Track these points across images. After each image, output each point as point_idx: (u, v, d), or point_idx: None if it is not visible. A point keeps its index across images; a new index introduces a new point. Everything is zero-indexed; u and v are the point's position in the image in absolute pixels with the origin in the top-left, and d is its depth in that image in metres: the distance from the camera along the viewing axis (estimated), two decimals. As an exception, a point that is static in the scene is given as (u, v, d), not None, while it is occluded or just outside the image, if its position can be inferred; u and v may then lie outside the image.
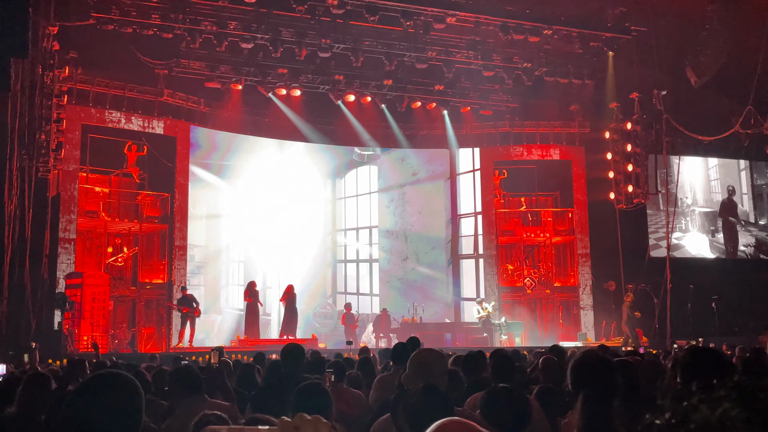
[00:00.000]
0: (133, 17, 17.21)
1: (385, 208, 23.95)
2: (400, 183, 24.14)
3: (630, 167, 21.71)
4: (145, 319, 19.41)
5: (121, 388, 2.12)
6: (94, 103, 18.78)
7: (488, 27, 19.11)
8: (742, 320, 21.76)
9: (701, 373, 2.74)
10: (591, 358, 2.94)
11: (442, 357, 3.27)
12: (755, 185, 25.20)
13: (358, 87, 21.10)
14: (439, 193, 24.01)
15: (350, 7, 17.55)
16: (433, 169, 24.09)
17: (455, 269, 23.62)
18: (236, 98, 20.94)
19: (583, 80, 21.34)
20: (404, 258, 23.63)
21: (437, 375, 3.14)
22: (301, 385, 3.48)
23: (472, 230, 23.64)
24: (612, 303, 21.53)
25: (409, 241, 23.72)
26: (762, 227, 25.21)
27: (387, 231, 23.79)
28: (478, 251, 23.21)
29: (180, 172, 20.10)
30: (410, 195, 24.03)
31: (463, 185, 23.95)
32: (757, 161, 25.04)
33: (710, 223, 24.65)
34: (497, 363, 4.80)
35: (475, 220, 23.66)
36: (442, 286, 23.43)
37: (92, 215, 18.66)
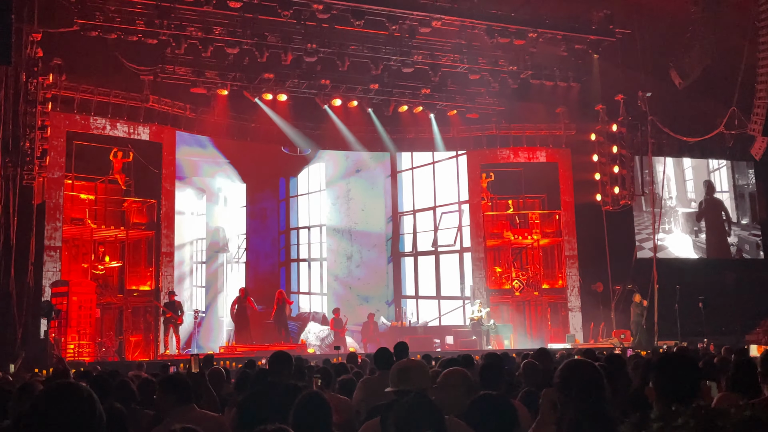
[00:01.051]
0: (118, 23, 17.12)
1: (331, 206, 23.80)
2: (344, 180, 23.98)
3: (616, 169, 21.83)
4: (133, 327, 19.28)
5: (74, 399, 2.10)
6: (79, 110, 18.67)
7: (473, 30, 19.15)
8: (729, 320, 21.89)
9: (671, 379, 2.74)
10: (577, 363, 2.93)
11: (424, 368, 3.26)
12: (737, 185, 25.43)
13: (345, 91, 21.08)
14: (380, 191, 23.99)
15: (336, 11, 17.54)
16: (375, 167, 24.02)
17: (396, 267, 23.64)
18: (222, 104, 20.86)
19: (569, 83, 21.42)
20: (349, 256, 23.55)
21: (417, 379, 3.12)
22: (300, 396, 3.45)
23: (419, 227, 23.77)
24: (600, 304, 21.62)
25: (353, 239, 23.64)
26: (744, 227, 25.42)
27: (333, 229, 23.62)
28: (416, 248, 23.31)
29: (166, 179, 20.02)
30: (354, 193, 23.97)
31: (406, 183, 24.16)
32: (741, 161, 25.22)
33: (693, 223, 24.84)
34: (484, 367, 4.79)
35: (414, 217, 23.77)
36: (383, 284, 23.41)
37: (78, 223, 18.53)
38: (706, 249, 24.68)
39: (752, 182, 25.51)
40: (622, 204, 21.93)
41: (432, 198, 24.13)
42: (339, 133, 22.52)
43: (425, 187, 24.24)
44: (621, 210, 22.16)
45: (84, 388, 2.17)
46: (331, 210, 23.74)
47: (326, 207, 23.77)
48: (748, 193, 25.48)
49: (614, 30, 19.88)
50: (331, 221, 23.65)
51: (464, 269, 23.19)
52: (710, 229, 24.84)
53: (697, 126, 22.41)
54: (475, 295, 22.25)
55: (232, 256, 22.28)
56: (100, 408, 2.15)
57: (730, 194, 25.29)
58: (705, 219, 24.81)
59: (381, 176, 24.12)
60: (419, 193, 24.21)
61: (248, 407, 4.51)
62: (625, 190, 21.66)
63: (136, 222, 19.56)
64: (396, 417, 2.45)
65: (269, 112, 21.32)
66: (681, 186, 24.71)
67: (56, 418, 2.07)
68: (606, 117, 22.27)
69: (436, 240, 23.75)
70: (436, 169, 24.23)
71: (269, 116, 21.39)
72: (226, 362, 14.12)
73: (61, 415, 2.07)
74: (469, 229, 23.19)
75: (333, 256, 23.54)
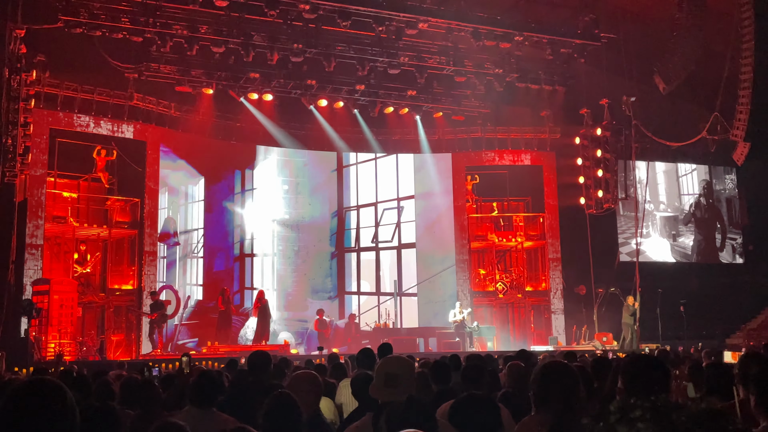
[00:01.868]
0: (102, 20, 16.99)
1: (282, 200, 23.71)
2: (292, 175, 23.92)
3: (600, 172, 21.97)
4: (115, 326, 19.16)
5: (46, 395, 2.10)
6: (62, 107, 18.54)
7: (460, 33, 19.20)
8: (711, 324, 22.08)
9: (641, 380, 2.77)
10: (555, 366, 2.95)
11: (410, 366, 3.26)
12: (714, 190, 25.78)
13: (331, 92, 21.06)
14: (329, 185, 24.03)
15: (322, 12, 17.51)
16: (321, 161, 24.05)
17: (340, 262, 23.67)
18: (207, 103, 20.79)
19: (554, 86, 21.52)
20: (296, 250, 23.51)
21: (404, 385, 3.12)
22: (271, 396, 3.45)
23: (369, 222, 23.91)
24: (583, 307, 21.74)
25: (301, 233, 23.59)
26: (735, 233, 25.74)
27: (283, 222, 23.54)
28: (359, 244, 23.43)
29: (150, 177, 19.92)
30: (302, 187, 23.94)
31: (353, 177, 24.26)
32: (725, 166, 25.47)
33: (671, 227, 25.12)
34: (467, 369, 4.80)
35: (357, 213, 23.90)
36: (328, 279, 23.42)
37: (60, 221, 18.39)
38: (693, 253, 24.97)
39: (728, 187, 25.89)
40: (606, 207, 22.10)
41: (374, 194, 24.18)
42: (324, 133, 22.51)
43: (368, 183, 24.34)
44: (604, 213, 22.32)
45: (56, 382, 2.17)
46: (281, 204, 23.60)
47: (277, 201, 23.64)
48: (725, 198, 25.88)
49: (599, 35, 20.00)
50: (280, 215, 23.52)
51: (402, 266, 23.23)
52: (705, 232, 25.18)
53: (681, 131, 22.62)
54: (459, 297, 22.30)
55: (190, 250, 22.03)
56: (73, 403, 2.14)
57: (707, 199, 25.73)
58: (700, 223, 25.11)
59: (327, 171, 24.04)
60: (363, 188, 24.26)
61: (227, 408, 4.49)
62: (608, 194, 21.82)
63: (119, 220, 19.45)
64: (388, 418, 2.45)
65: (255, 112, 21.27)
66: (654, 190, 24.99)
67: (28, 413, 2.06)
68: (590, 121, 22.42)
69: (377, 236, 23.83)
70: (378, 165, 24.29)
71: (255, 116, 21.34)
72: (209, 362, 14.07)
73: (32, 409, 2.06)
74: (454, 231, 23.25)
75: (282, 251, 23.40)
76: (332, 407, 6.00)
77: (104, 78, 18.87)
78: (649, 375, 2.85)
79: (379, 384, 3.09)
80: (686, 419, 0.72)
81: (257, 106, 21.15)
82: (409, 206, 23.94)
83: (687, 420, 0.72)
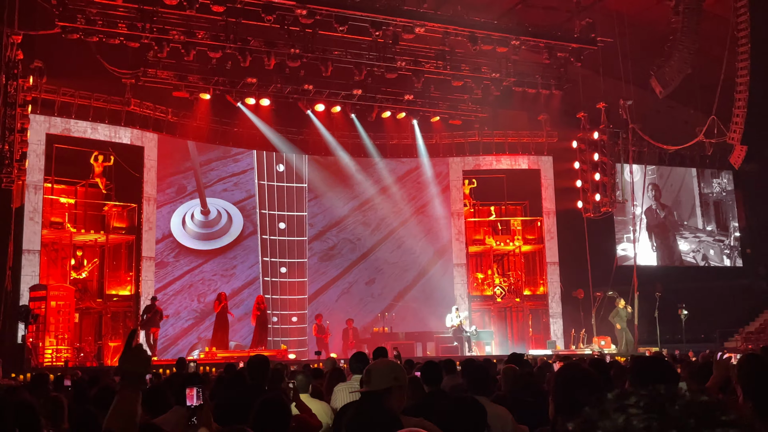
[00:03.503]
0: (99, 26, 16.98)
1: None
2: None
3: (597, 176, 21.99)
4: (112, 332, 19.12)
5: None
6: (60, 113, 18.53)
7: (457, 37, 19.23)
8: (708, 327, 22.09)
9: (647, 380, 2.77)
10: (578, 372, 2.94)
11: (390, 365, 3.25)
12: (702, 193, 25.94)
13: (328, 97, 21.09)
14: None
15: (319, 17, 17.54)
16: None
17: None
18: (204, 108, 20.79)
19: (551, 90, 21.55)
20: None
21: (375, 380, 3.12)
22: (261, 399, 3.45)
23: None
24: (581, 311, 21.73)
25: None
26: (709, 233, 25.86)
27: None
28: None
29: (147, 183, 19.91)
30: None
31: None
32: (721, 170, 25.54)
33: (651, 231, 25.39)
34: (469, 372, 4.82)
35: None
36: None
37: (57, 226, 18.37)
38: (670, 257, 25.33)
39: (715, 191, 26.08)
40: (603, 211, 22.11)
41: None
42: (322, 138, 22.53)
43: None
44: (602, 217, 22.33)
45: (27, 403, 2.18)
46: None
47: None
48: (713, 201, 26.09)
49: (596, 38, 20.04)
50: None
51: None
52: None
53: (677, 134, 22.66)
54: (457, 301, 22.29)
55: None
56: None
57: (696, 202, 25.85)
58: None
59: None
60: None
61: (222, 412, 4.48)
62: (606, 198, 21.83)
63: (116, 226, 19.43)
64: (347, 420, 2.45)
65: (252, 117, 21.27)
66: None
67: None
68: (587, 125, 22.45)
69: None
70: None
71: (252, 121, 21.35)
72: (206, 367, 14.05)
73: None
74: (452, 235, 23.25)
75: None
76: (329, 411, 5.99)
77: (101, 84, 18.87)
78: (658, 373, 2.85)
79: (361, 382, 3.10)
80: (679, 409, 0.72)
81: (254, 111, 21.16)
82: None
83: (680, 409, 0.72)
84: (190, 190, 21.28)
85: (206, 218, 21.46)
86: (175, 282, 20.43)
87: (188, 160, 21.18)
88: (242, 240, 21.74)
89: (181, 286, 20.43)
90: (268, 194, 22.49)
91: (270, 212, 22.41)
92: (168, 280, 20.20)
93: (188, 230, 21.06)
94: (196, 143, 21.32)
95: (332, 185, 23.28)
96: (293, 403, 5.11)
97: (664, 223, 25.45)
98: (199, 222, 21.32)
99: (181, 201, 21.01)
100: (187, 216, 21.12)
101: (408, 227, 23.65)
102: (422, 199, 23.87)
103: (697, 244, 25.72)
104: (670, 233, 25.52)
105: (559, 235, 22.95)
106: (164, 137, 20.56)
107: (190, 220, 21.17)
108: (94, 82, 18.76)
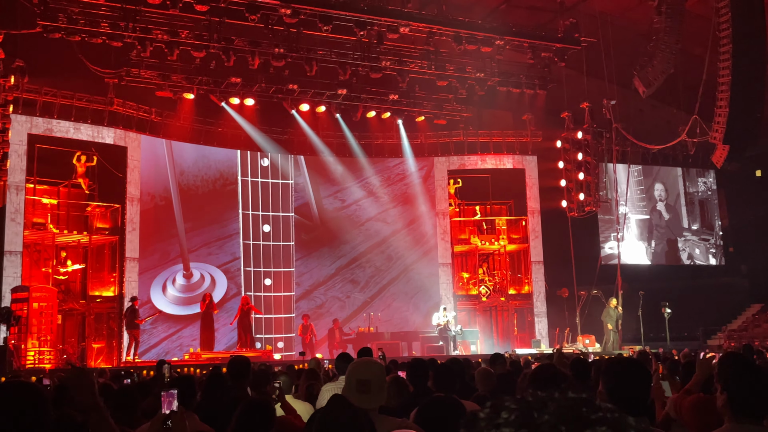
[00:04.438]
0: (81, 25, 16.85)
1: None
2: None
3: (581, 175, 22.09)
4: (96, 333, 18.98)
5: (23, 397, 2.18)
6: (41, 113, 18.37)
7: (441, 37, 19.26)
8: (692, 326, 22.26)
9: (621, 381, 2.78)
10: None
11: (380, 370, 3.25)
12: (688, 192, 26.16)
13: (312, 96, 21.05)
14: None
15: (303, 16, 17.50)
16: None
17: None
18: (188, 108, 20.69)
19: (535, 90, 21.63)
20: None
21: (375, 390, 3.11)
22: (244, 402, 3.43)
23: None
24: (565, 310, 21.83)
25: None
26: (694, 232, 26.10)
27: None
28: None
29: (131, 183, 19.78)
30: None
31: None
32: (703, 169, 25.74)
33: (646, 230, 25.48)
34: (437, 373, 4.83)
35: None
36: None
37: (40, 227, 18.21)
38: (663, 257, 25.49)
39: (701, 190, 26.31)
40: (587, 210, 22.21)
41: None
42: (307, 138, 22.49)
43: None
44: (586, 216, 22.44)
45: (32, 385, 2.20)
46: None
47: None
48: (698, 200, 26.31)
49: (580, 38, 20.13)
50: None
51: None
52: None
53: (661, 134, 22.80)
54: (443, 300, 22.32)
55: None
56: (45, 405, 2.18)
57: (681, 201, 26.07)
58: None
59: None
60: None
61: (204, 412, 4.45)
62: (590, 197, 21.94)
63: (99, 227, 19.29)
64: (317, 421, 2.43)
65: (236, 117, 21.20)
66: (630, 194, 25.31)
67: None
68: (571, 124, 22.56)
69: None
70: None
71: (236, 121, 21.27)
72: (191, 369, 13.98)
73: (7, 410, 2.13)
74: (437, 235, 23.28)
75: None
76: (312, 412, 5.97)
77: (84, 83, 18.72)
78: (630, 376, 2.87)
79: (351, 389, 3.08)
80: (548, 417, 0.70)
81: (239, 111, 21.08)
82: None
83: (549, 418, 0.70)
84: (173, 256, 20.89)
85: (188, 282, 21.00)
86: (152, 350, 19.62)
87: (174, 227, 20.89)
88: (225, 302, 20.95)
89: (156, 355, 19.03)
90: (251, 191, 22.40)
91: (254, 212, 22.31)
92: (143, 348, 19.10)
93: (168, 295, 20.54)
94: (182, 212, 20.92)
95: (315, 186, 23.24)
96: (278, 404, 5.09)
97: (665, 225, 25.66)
98: (181, 286, 20.82)
99: (163, 267, 20.59)
100: (169, 281, 20.66)
101: (393, 227, 23.65)
102: (407, 198, 23.88)
103: (683, 243, 25.91)
104: (671, 234, 25.75)
105: (544, 234, 23.03)
106: (149, 214, 20.28)
107: (171, 285, 20.67)
108: (76, 81, 18.61)
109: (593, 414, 0.78)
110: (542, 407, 0.79)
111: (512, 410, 0.80)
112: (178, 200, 21.06)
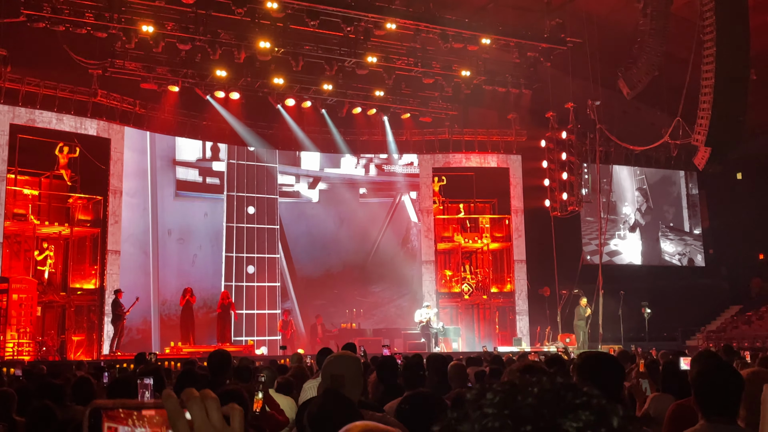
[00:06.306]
0: (66, 15, 16.71)
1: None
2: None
3: (565, 175, 22.21)
4: (76, 326, 18.84)
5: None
6: (24, 103, 18.18)
7: (428, 35, 19.27)
8: (671, 326, 22.45)
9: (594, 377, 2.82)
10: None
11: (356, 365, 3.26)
12: (669, 194, 26.38)
13: (298, 91, 21.00)
14: None
15: (290, 11, 17.46)
16: None
17: None
18: (173, 100, 20.57)
19: (521, 89, 21.71)
20: None
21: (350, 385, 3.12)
22: (220, 391, 3.42)
23: None
24: (547, 308, 21.95)
25: None
26: (676, 233, 26.34)
27: None
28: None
29: (114, 175, 19.63)
30: None
31: None
32: (685, 171, 25.96)
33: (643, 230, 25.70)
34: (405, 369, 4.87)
35: None
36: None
37: (20, 218, 18.04)
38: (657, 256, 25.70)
39: (682, 192, 26.61)
40: (570, 210, 22.33)
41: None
42: (292, 133, 22.43)
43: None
44: (569, 216, 22.56)
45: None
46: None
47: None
48: (679, 202, 26.64)
49: (565, 39, 20.22)
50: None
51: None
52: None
53: (644, 135, 22.95)
54: (426, 298, 22.36)
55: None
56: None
57: (662, 202, 26.36)
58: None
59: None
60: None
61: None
62: (573, 197, 22.06)
63: (81, 218, 19.14)
64: (309, 416, 2.44)
65: (221, 110, 21.10)
66: (622, 193, 25.50)
67: None
68: (556, 124, 22.66)
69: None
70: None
71: (221, 114, 21.17)
72: (171, 363, 13.92)
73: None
74: (421, 232, 23.32)
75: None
76: (295, 407, 5.97)
77: (67, 74, 18.55)
78: (603, 372, 2.91)
79: (326, 384, 3.09)
80: (531, 400, 0.71)
81: (224, 105, 20.99)
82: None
83: (532, 400, 0.71)
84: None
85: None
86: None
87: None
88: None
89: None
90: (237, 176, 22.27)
91: (238, 194, 22.16)
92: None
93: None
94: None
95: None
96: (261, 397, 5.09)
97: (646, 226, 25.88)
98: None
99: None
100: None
101: (377, 224, 23.65)
102: (391, 195, 23.89)
103: (664, 244, 26.14)
104: (652, 235, 25.97)
105: (527, 233, 23.14)
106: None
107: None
108: (60, 72, 18.44)
109: (578, 399, 0.79)
110: (527, 390, 0.80)
111: (497, 392, 0.81)
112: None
